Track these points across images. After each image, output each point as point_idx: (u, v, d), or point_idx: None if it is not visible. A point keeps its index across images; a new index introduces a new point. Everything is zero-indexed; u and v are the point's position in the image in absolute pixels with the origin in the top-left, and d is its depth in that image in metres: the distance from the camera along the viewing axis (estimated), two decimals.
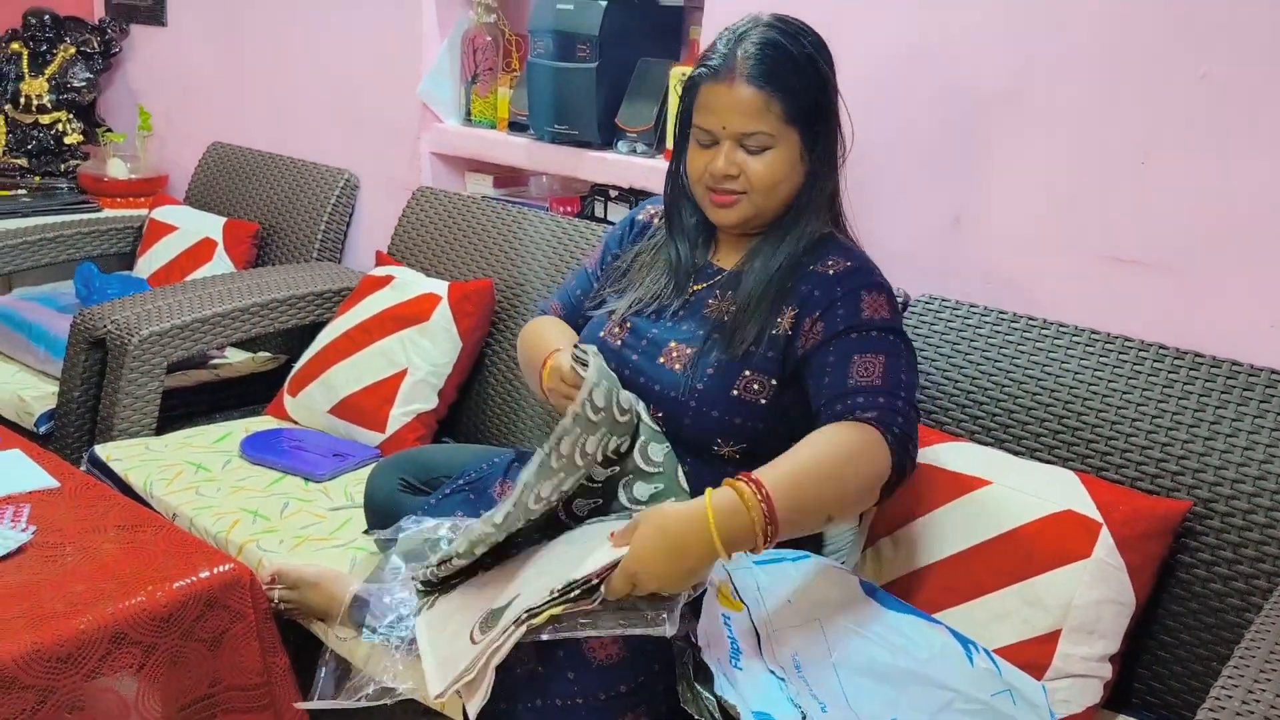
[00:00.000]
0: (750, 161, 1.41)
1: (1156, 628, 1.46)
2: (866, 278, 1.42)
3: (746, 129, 1.39)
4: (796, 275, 1.43)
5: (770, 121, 1.39)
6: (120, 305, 2.24)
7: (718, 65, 1.41)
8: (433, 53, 2.56)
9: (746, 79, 1.38)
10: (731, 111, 1.39)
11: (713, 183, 1.43)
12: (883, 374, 1.33)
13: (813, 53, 1.42)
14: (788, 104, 1.39)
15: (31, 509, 1.59)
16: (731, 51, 1.40)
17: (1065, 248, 1.71)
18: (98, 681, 1.35)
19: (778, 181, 1.42)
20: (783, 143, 1.41)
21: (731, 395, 1.41)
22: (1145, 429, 1.51)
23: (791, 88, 1.39)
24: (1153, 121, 1.61)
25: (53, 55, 3.30)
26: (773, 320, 1.42)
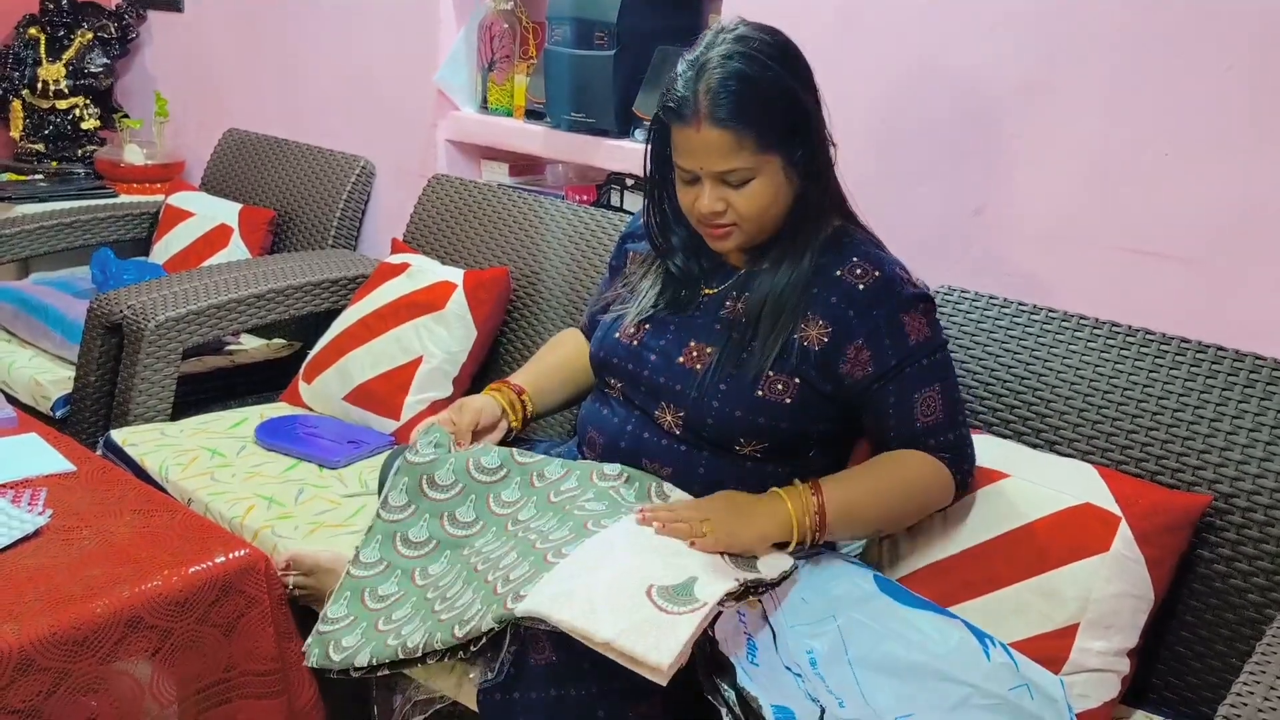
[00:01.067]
0: (734, 196, 1.38)
1: (1175, 623, 1.45)
2: (900, 293, 1.40)
3: (722, 168, 1.36)
4: (820, 280, 1.41)
5: (744, 157, 1.35)
6: (136, 291, 2.25)
7: (680, 107, 1.35)
8: (449, 40, 2.55)
9: (712, 120, 1.32)
10: (704, 153, 1.35)
11: (703, 220, 1.42)
12: (943, 406, 1.41)
13: (777, 70, 1.35)
14: (760, 135, 1.34)
15: (48, 493, 1.59)
16: (693, 91, 1.33)
17: (1087, 240, 1.69)
18: (113, 665, 1.36)
19: (765, 207, 1.39)
20: (764, 170, 1.37)
21: (755, 395, 1.40)
22: (1166, 423, 1.49)
23: (759, 118, 1.34)
24: (1177, 114, 1.59)
25: (70, 41, 3.31)
26: (796, 327, 1.40)
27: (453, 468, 1.47)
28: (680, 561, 1.24)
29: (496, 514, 1.43)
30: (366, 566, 1.43)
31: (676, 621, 1.13)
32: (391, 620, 1.34)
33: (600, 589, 1.16)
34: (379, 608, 1.37)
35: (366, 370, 2.14)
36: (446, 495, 1.46)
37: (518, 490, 1.45)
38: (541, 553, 1.26)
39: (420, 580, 1.38)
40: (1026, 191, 1.75)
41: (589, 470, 1.45)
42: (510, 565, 1.28)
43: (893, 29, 1.84)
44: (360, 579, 1.42)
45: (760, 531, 1.32)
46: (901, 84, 1.84)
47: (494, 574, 1.28)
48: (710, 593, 1.18)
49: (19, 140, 3.29)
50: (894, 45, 1.84)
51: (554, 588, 1.18)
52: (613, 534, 1.28)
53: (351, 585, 1.41)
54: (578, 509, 1.37)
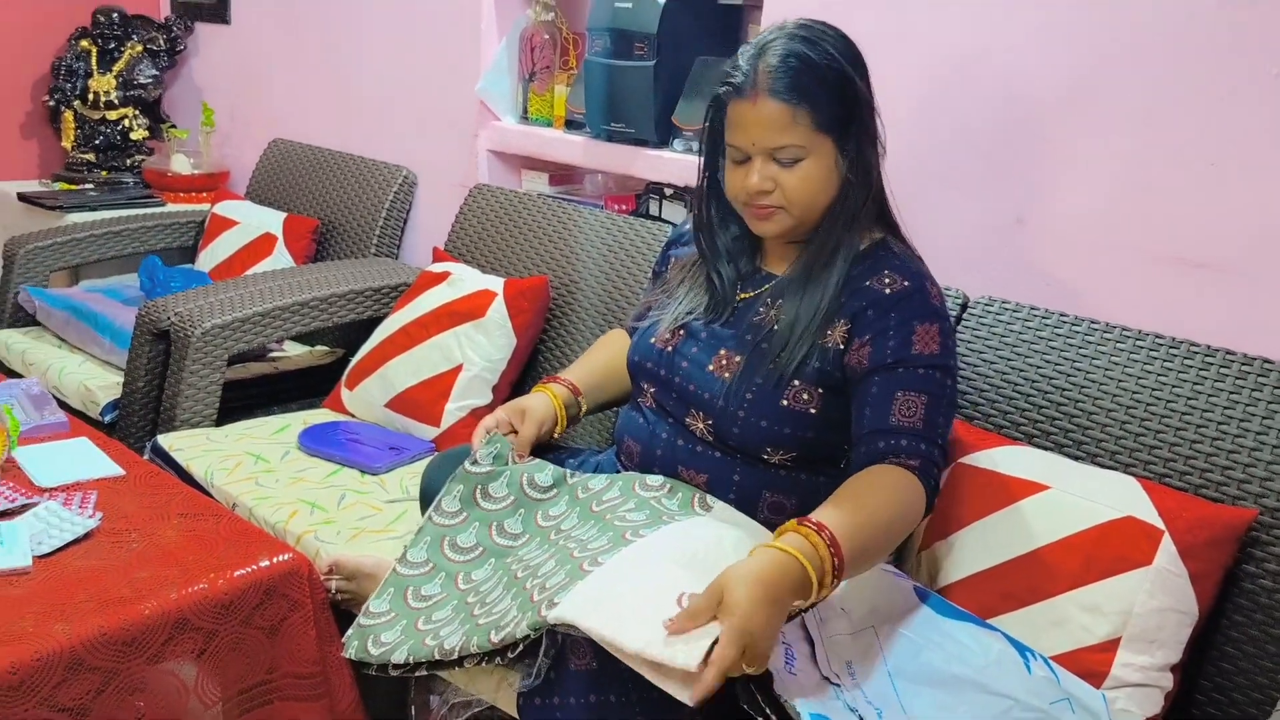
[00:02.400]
0: (784, 175, 1.39)
1: (1220, 638, 1.44)
2: (922, 304, 1.39)
3: (776, 143, 1.37)
4: (850, 290, 1.41)
5: (799, 133, 1.37)
6: (183, 298, 2.29)
7: (740, 82, 1.38)
8: (491, 51, 2.58)
9: (770, 93, 1.36)
10: (759, 127, 1.37)
11: (749, 199, 1.42)
12: (924, 416, 1.34)
13: (837, 56, 1.38)
14: (815, 112, 1.36)
15: (98, 496, 1.63)
16: (753, 66, 1.37)
17: (1130, 250, 1.68)
18: (160, 665, 1.38)
19: (814, 192, 1.40)
20: (815, 152, 1.38)
21: (781, 405, 1.40)
22: (1210, 435, 1.48)
23: (817, 96, 1.36)
24: (1221, 123, 1.57)
25: (120, 53, 3.38)
26: (823, 333, 1.41)
27: (507, 481, 1.49)
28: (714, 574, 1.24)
29: (542, 526, 1.45)
30: (413, 565, 1.45)
31: (705, 629, 1.13)
32: (431, 620, 1.35)
33: (630, 599, 1.17)
34: (420, 607, 1.39)
35: (407, 377, 2.16)
36: (498, 506, 1.48)
37: (564, 504, 1.47)
38: (578, 561, 1.27)
39: (463, 585, 1.40)
40: (1067, 201, 1.74)
41: (632, 481, 1.46)
42: (548, 573, 1.29)
43: (932, 37, 1.84)
44: (405, 577, 1.43)
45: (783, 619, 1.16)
46: (940, 92, 1.83)
47: (532, 581, 1.29)
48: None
49: (70, 150, 3.36)
50: (933, 52, 1.83)
51: (586, 595, 1.19)
52: (649, 544, 1.29)
53: (396, 582, 1.43)
54: (618, 519, 1.38)
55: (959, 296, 1.77)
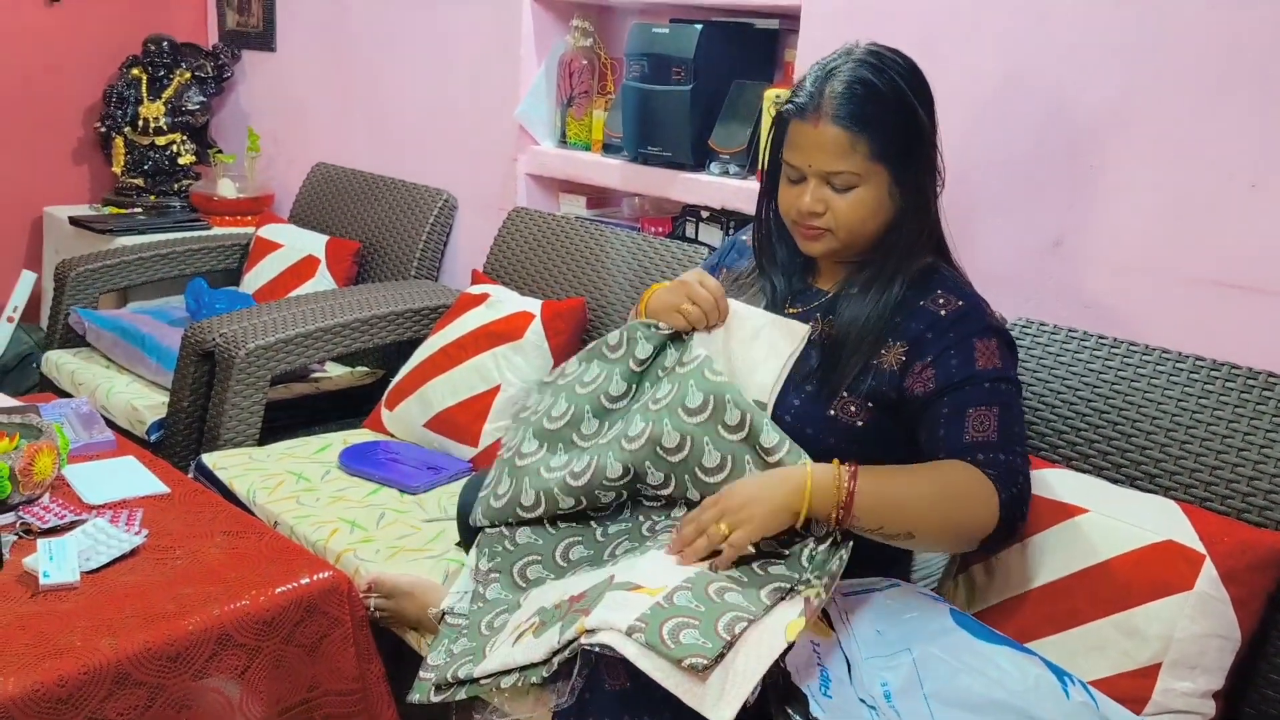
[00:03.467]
0: (836, 199, 1.41)
1: (1263, 664, 1.41)
2: (979, 321, 1.40)
3: (832, 168, 1.39)
4: (904, 311, 1.42)
5: (856, 161, 1.38)
6: (228, 320, 2.33)
7: (804, 103, 1.40)
8: (530, 76, 2.61)
9: (832, 118, 1.37)
10: (817, 150, 1.39)
11: (799, 218, 1.44)
12: (998, 428, 1.36)
13: (902, 87, 1.39)
14: (875, 142, 1.37)
15: (144, 513, 1.66)
16: (819, 89, 1.39)
17: (1170, 272, 1.67)
18: (205, 681, 1.41)
19: (863, 219, 1.41)
20: (870, 180, 1.39)
21: (828, 415, 1.41)
22: (1252, 459, 1.46)
23: (878, 126, 1.37)
24: (1263, 144, 1.56)
25: (170, 80, 3.45)
26: (876, 352, 1.41)
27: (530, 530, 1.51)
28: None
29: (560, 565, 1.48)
30: (459, 618, 1.47)
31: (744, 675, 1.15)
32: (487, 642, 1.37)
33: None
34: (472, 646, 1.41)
35: (446, 398, 2.18)
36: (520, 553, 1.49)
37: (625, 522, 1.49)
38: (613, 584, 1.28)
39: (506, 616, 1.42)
40: (1107, 223, 1.73)
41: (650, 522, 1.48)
42: (585, 594, 1.30)
43: (970, 59, 1.84)
44: (455, 627, 1.46)
45: (778, 505, 1.31)
46: (979, 114, 1.83)
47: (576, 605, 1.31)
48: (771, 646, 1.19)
49: (120, 175, 3.44)
50: (972, 75, 1.84)
51: (617, 612, 1.20)
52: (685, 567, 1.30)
53: (449, 634, 1.45)
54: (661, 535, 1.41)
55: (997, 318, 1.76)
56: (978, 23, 1.83)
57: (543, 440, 1.53)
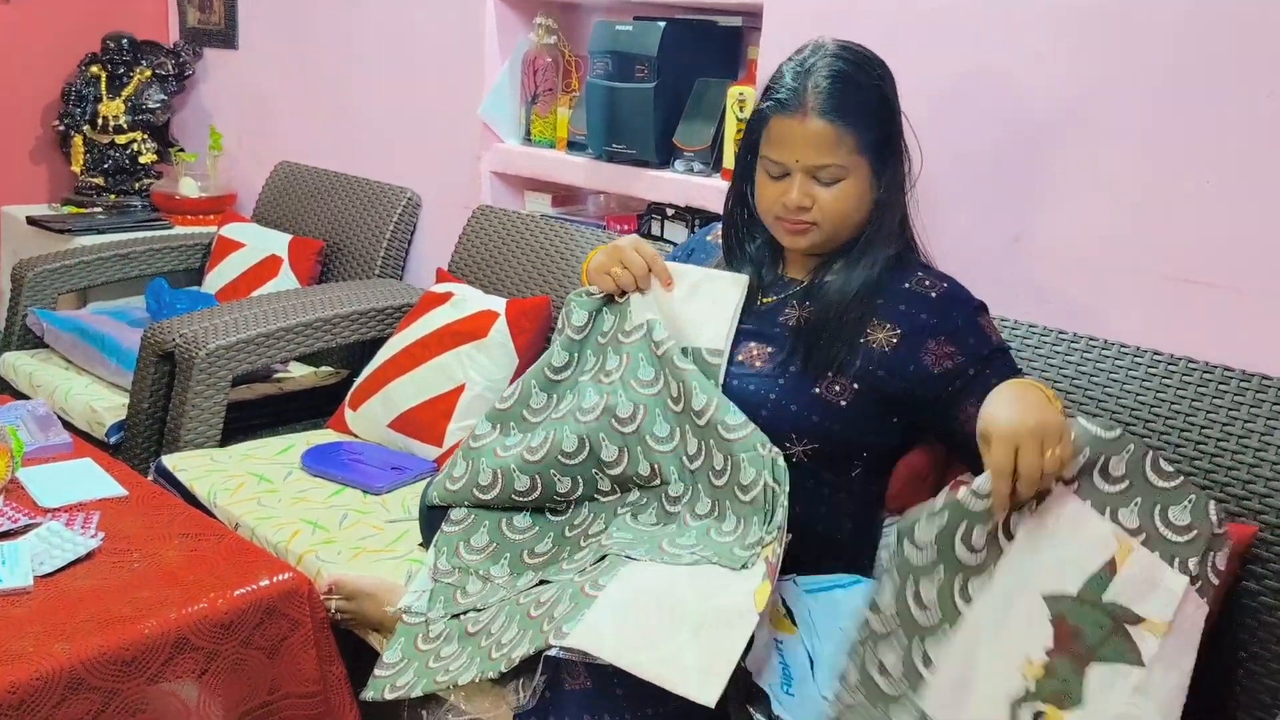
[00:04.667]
0: (822, 193, 1.43)
1: (1224, 655, 1.43)
2: (970, 300, 1.47)
3: (820, 161, 1.41)
4: (885, 293, 1.44)
5: (842, 154, 1.40)
6: (188, 320, 2.30)
7: (787, 99, 1.42)
8: (494, 74, 2.60)
9: (819, 113, 1.39)
10: (804, 145, 1.41)
11: (785, 214, 1.45)
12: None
13: (879, 82, 1.44)
14: (859, 135, 1.40)
15: (101, 516, 1.64)
16: (801, 85, 1.41)
17: (1128, 267, 1.68)
18: (161, 685, 1.39)
19: (848, 211, 1.44)
20: (854, 173, 1.42)
21: (813, 392, 1.42)
22: (1210, 451, 1.47)
23: (862, 119, 1.41)
24: (1219, 141, 1.58)
25: (130, 78, 3.41)
26: (861, 332, 1.43)
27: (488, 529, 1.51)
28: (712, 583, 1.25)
29: (529, 563, 1.48)
30: (418, 615, 1.46)
31: (723, 653, 1.14)
32: (440, 658, 1.37)
33: (639, 619, 1.18)
34: (429, 648, 1.41)
35: (410, 398, 2.17)
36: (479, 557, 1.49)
37: (550, 542, 1.50)
38: (579, 585, 1.28)
39: (466, 619, 1.41)
40: (1065, 219, 1.74)
41: (613, 507, 1.47)
42: (552, 600, 1.29)
43: (931, 56, 1.85)
44: (413, 625, 1.45)
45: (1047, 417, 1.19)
46: (939, 111, 1.84)
47: (536, 609, 1.30)
48: (745, 619, 1.19)
49: (80, 174, 3.40)
50: (932, 72, 1.84)
51: (595, 622, 1.19)
52: (645, 564, 1.30)
53: (405, 632, 1.45)
54: (606, 539, 1.40)
55: None
56: (938, 21, 1.84)
57: (495, 421, 1.55)
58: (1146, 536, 1.21)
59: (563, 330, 1.55)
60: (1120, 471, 1.23)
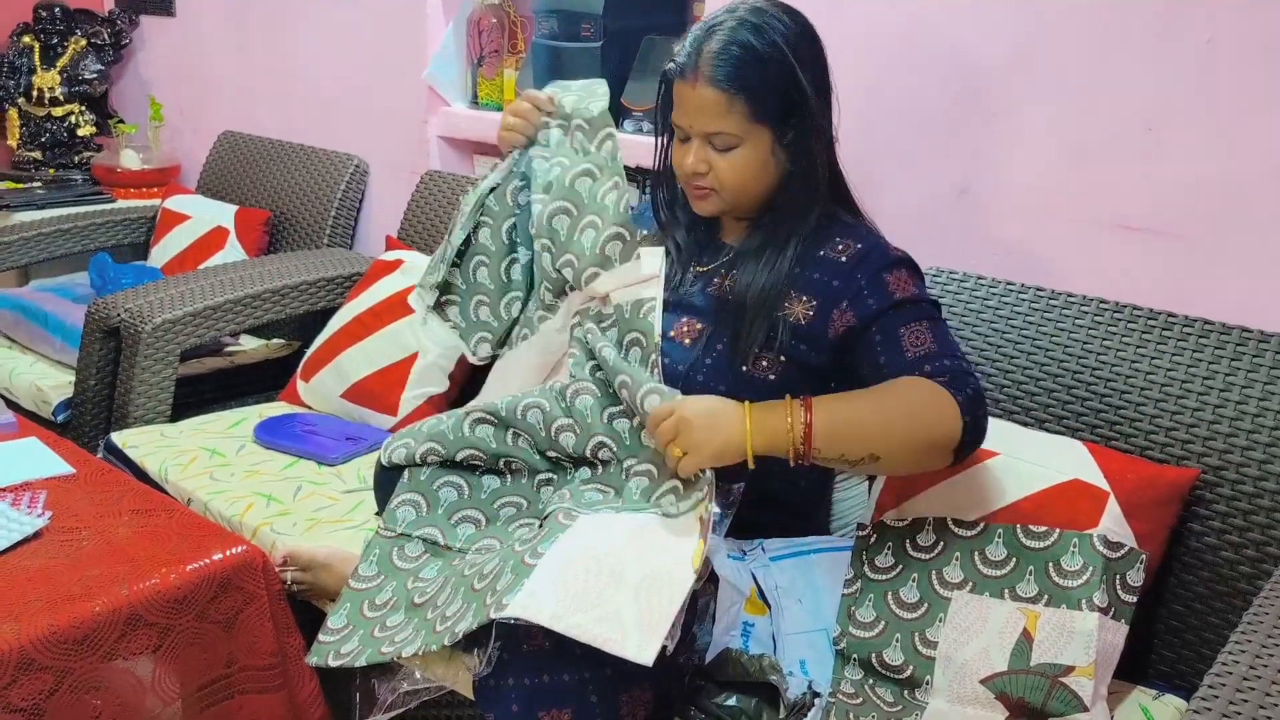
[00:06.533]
0: (718, 160, 1.40)
1: (1168, 596, 1.46)
2: (882, 256, 1.41)
3: (711, 128, 1.38)
4: (804, 262, 1.42)
5: (734, 122, 1.37)
6: (133, 294, 2.26)
7: (684, 63, 1.39)
8: (438, 36, 2.56)
9: (709, 80, 1.36)
10: (696, 110, 1.38)
11: (684, 179, 1.45)
12: (933, 339, 1.35)
13: (782, 46, 1.36)
14: (751, 104, 1.36)
15: (48, 495, 1.61)
16: (697, 49, 1.37)
17: (1073, 217, 1.70)
18: (114, 663, 1.38)
19: (745, 179, 1.41)
20: (750, 141, 1.39)
21: (741, 371, 1.42)
22: (1154, 397, 1.50)
23: (755, 87, 1.36)
24: (1158, 88, 1.59)
25: (64, 48, 3.32)
26: (780, 306, 1.42)
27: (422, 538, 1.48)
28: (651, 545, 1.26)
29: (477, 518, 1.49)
30: (364, 579, 1.45)
31: (662, 616, 1.16)
32: (386, 628, 1.35)
33: (576, 585, 1.19)
34: (375, 616, 1.39)
35: (363, 367, 2.15)
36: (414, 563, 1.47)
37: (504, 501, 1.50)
38: (519, 555, 1.27)
39: (412, 585, 1.40)
40: (1010, 170, 1.75)
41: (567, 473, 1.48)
42: (494, 573, 1.28)
43: (871, 10, 1.84)
44: (359, 591, 1.44)
45: (724, 445, 1.28)
46: (882, 65, 1.84)
47: (480, 581, 1.29)
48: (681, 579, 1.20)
49: (16, 148, 3.31)
50: (874, 26, 1.84)
51: (533, 591, 1.19)
52: (582, 527, 1.30)
53: (351, 597, 1.43)
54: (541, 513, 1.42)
55: None
56: None
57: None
58: (1048, 597, 1.32)
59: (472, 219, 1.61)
60: (929, 540, 1.39)
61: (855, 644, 1.38)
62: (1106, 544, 1.32)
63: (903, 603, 1.38)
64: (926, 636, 1.34)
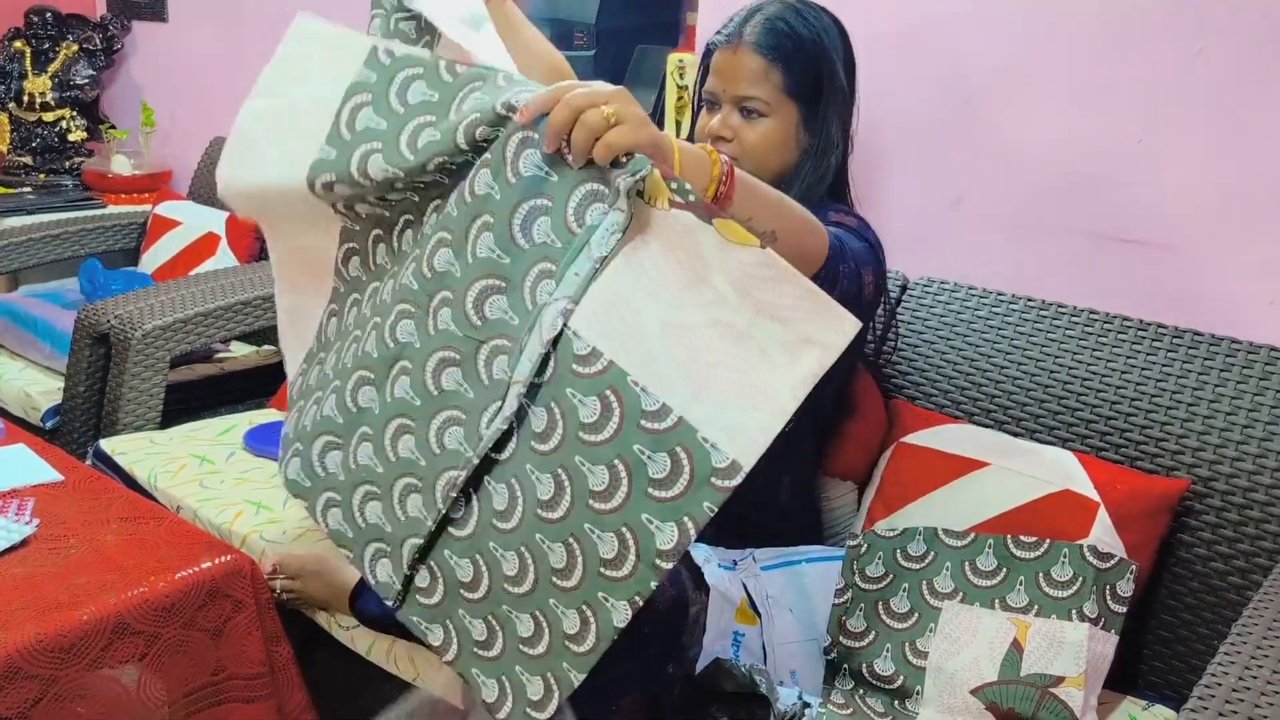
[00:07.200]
0: (745, 128, 1.46)
1: (1158, 607, 1.46)
2: (842, 214, 1.44)
3: (744, 92, 1.45)
4: None
5: (767, 89, 1.44)
6: (123, 300, 2.25)
7: (730, 33, 1.48)
8: None
9: (751, 46, 1.44)
10: (732, 75, 1.45)
11: (707, 142, 1.44)
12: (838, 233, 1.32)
13: (821, 32, 1.47)
14: (787, 76, 1.44)
15: (36, 502, 1.60)
16: (744, 20, 1.47)
17: (1063, 228, 1.70)
18: (101, 671, 1.36)
19: (767, 151, 1.46)
20: (778, 113, 1.45)
21: None
22: (1144, 408, 1.50)
23: (793, 61, 1.45)
24: (1148, 99, 1.60)
25: (55, 53, 3.31)
26: None
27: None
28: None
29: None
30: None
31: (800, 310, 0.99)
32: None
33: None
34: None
35: None
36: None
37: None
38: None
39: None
40: (1004, 180, 1.76)
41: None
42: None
43: (870, 18, 1.84)
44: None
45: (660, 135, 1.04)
46: (879, 74, 1.84)
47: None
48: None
49: (6, 153, 3.30)
50: (868, 34, 1.84)
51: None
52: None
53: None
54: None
55: (898, 278, 1.78)
56: None
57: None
58: (1038, 608, 1.32)
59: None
60: (920, 550, 1.39)
61: (846, 654, 1.37)
62: (1097, 554, 1.32)
63: (893, 613, 1.37)
64: (917, 646, 1.34)
